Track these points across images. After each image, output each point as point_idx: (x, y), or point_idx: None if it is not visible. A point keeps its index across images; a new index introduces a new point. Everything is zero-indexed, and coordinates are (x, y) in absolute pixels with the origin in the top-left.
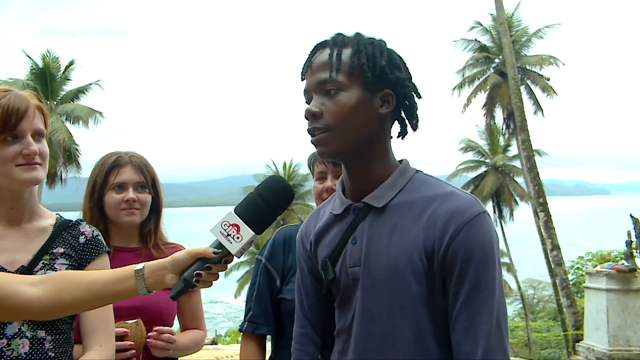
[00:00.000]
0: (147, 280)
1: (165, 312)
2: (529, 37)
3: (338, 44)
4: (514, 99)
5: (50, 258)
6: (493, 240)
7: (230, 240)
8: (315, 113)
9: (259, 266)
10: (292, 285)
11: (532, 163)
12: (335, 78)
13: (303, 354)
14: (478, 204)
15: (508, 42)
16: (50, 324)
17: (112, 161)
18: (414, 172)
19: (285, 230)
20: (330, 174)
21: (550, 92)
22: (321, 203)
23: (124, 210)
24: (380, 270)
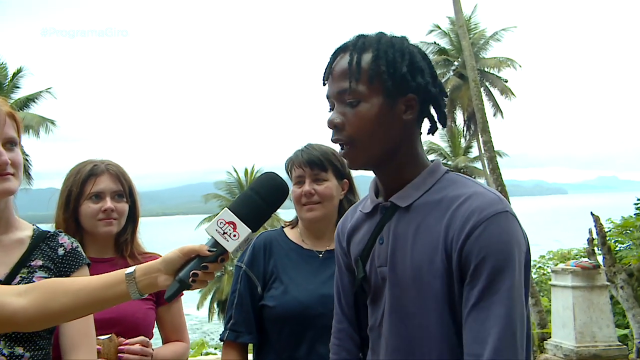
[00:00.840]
0: (139, 283)
1: (143, 324)
2: (487, 40)
3: (358, 48)
4: (475, 100)
5: (29, 271)
6: (512, 240)
7: (226, 238)
8: (337, 125)
9: (239, 273)
10: (273, 292)
11: (494, 164)
12: (355, 88)
13: (341, 349)
14: (501, 202)
15: (467, 44)
16: (28, 340)
17: (88, 170)
18: (444, 172)
19: (265, 236)
20: (308, 178)
21: (508, 93)
22: (300, 207)
23: (102, 221)
24: (405, 271)
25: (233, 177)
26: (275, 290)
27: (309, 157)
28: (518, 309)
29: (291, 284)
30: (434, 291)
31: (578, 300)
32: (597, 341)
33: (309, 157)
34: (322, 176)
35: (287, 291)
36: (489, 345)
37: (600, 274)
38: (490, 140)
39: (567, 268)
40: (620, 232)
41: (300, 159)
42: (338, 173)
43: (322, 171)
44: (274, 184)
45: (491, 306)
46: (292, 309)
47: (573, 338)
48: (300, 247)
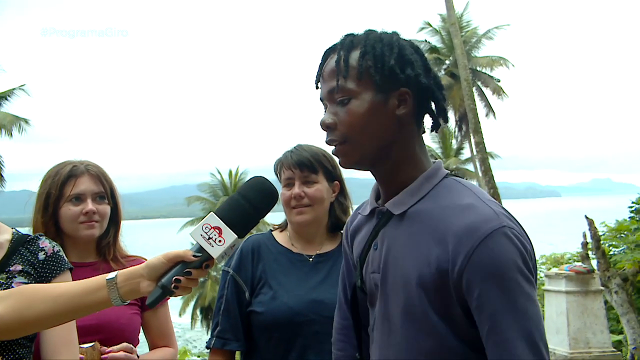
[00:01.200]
0: (120, 289)
1: (127, 329)
2: (479, 38)
3: (345, 46)
4: (467, 101)
5: (7, 276)
6: (514, 257)
7: (211, 243)
8: (329, 125)
9: (226, 278)
10: (262, 297)
11: (486, 166)
12: (343, 86)
13: (346, 344)
14: (497, 218)
15: (459, 43)
16: (7, 348)
17: (67, 171)
18: (443, 176)
19: (253, 239)
20: (297, 180)
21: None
22: (289, 211)
23: (83, 224)
24: (396, 281)
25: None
26: (264, 295)
27: (298, 159)
28: (536, 322)
29: (280, 290)
30: (423, 304)
31: (572, 306)
32: (591, 347)
33: (298, 158)
34: (312, 178)
35: (276, 297)
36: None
37: (594, 279)
38: (482, 141)
39: (561, 272)
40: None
41: (289, 160)
42: (329, 175)
43: (312, 173)
44: (262, 188)
45: (507, 329)
46: (281, 315)
47: (567, 344)
48: (289, 251)
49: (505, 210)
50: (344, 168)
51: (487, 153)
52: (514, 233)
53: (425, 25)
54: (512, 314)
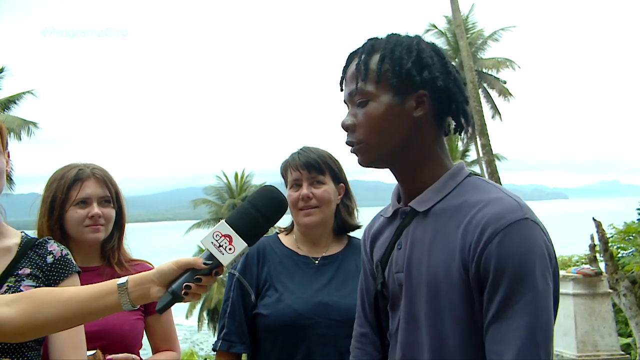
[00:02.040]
0: (131, 294)
1: (130, 335)
2: (485, 40)
3: (367, 50)
4: (473, 102)
5: (16, 280)
6: (534, 248)
7: (222, 251)
8: (349, 126)
9: (232, 281)
10: (267, 300)
11: (492, 168)
12: (362, 88)
13: (362, 353)
14: (521, 209)
15: (465, 44)
16: (16, 351)
17: (73, 175)
18: (467, 175)
19: (258, 242)
20: (305, 181)
21: (507, 95)
22: (297, 212)
23: (89, 227)
24: (420, 278)
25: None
26: (269, 298)
27: (306, 160)
28: (543, 320)
29: (285, 292)
30: (449, 299)
31: (580, 308)
32: (599, 350)
33: (306, 159)
34: (320, 179)
35: (282, 299)
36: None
37: (602, 281)
38: (488, 143)
39: (569, 275)
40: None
41: (296, 161)
42: (335, 177)
43: (319, 174)
44: (272, 197)
45: (513, 316)
46: (286, 318)
47: (574, 347)
48: (295, 253)
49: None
50: (362, 166)
51: (493, 155)
52: (537, 226)
53: (431, 27)
54: (520, 306)
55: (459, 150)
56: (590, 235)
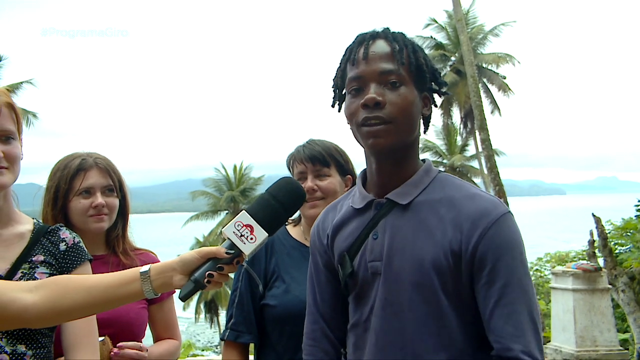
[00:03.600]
0: (154, 282)
1: (136, 323)
2: (485, 35)
3: (396, 38)
4: (473, 97)
5: (30, 267)
6: (520, 240)
7: (243, 240)
8: (380, 102)
9: (240, 271)
10: (275, 290)
11: (492, 163)
12: (399, 71)
13: (317, 350)
14: (502, 205)
15: (466, 39)
16: (31, 338)
17: (76, 164)
18: (437, 171)
19: None
20: (310, 173)
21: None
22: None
23: (92, 217)
24: (404, 265)
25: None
26: (277, 289)
27: (310, 153)
28: (534, 304)
29: (293, 283)
30: (434, 286)
31: (579, 304)
32: (598, 345)
33: (310, 152)
34: (325, 172)
35: (289, 290)
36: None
37: (602, 277)
38: (488, 138)
39: (568, 270)
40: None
41: (301, 154)
42: (341, 169)
43: (324, 167)
44: (291, 188)
45: (515, 301)
46: (293, 309)
47: (573, 342)
48: (302, 245)
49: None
50: (376, 151)
51: (492, 150)
52: (514, 219)
53: (431, 22)
54: (520, 289)
55: (458, 145)
56: (590, 231)
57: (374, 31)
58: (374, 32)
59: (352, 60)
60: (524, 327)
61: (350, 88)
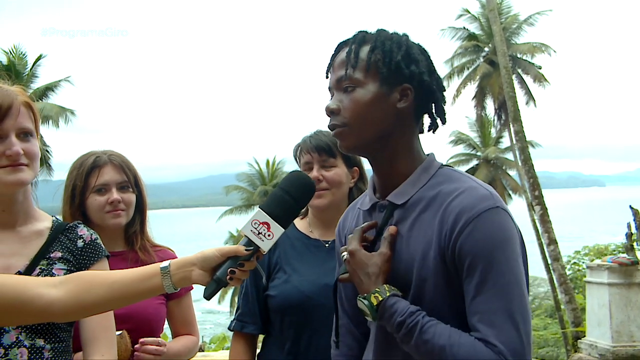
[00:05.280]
0: (173, 277)
1: (154, 319)
2: (520, 25)
3: (358, 41)
4: (506, 88)
5: (48, 263)
6: (504, 235)
7: (261, 238)
8: (333, 110)
9: None
10: (277, 282)
11: (526, 155)
12: (351, 75)
13: (341, 344)
14: (492, 198)
15: (498, 29)
16: (49, 332)
17: (90, 162)
18: (439, 166)
19: None
20: (316, 164)
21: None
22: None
23: (109, 213)
24: (399, 266)
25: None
26: (278, 280)
27: (317, 143)
28: (517, 303)
29: (293, 274)
30: (427, 285)
31: (615, 298)
32: (635, 340)
33: (317, 142)
34: (331, 162)
35: (289, 281)
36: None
37: (639, 271)
38: (522, 129)
39: (603, 264)
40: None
41: (308, 144)
42: (348, 160)
43: (330, 157)
44: (302, 183)
45: (488, 300)
46: (292, 299)
47: (609, 337)
48: (306, 236)
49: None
50: (346, 152)
51: (526, 142)
52: (506, 214)
53: (464, 12)
54: (497, 286)
55: (492, 137)
56: (627, 224)
57: (345, 40)
58: (344, 40)
59: (326, 72)
60: (497, 325)
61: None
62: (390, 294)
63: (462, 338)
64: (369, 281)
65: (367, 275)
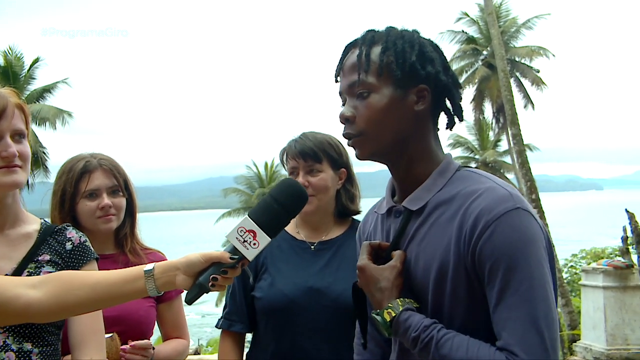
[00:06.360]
0: (157, 280)
1: (145, 322)
2: (518, 28)
3: (367, 42)
4: (504, 92)
5: (36, 266)
6: (526, 237)
7: (246, 246)
8: (348, 118)
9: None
10: (262, 283)
11: (523, 158)
12: (364, 80)
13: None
14: (512, 199)
15: (497, 33)
16: (37, 336)
17: (80, 167)
18: (456, 169)
19: None
20: (301, 169)
21: (540, 84)
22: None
23: (100, 218)
24: (416, 271)
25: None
26: (264, 282)
27: (301, 148)
28: (541, 308)
29: (278, 276)
30: (446, 290)
31: (609, 301)
32: (629, 344)
33: (302, 148)
34: (317, 167)
35: (274, 284)
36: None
37: (634, 274)
38: (519, 133)
39: (598, 267)
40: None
41: (293, 150)
42: (334, 163)
43: (316, 162)
44: (293, 191)
45: (512, 307)
46: (277, 302)
47: (604, 340)
48: (293, 238)
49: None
50: (360, 160)
51: (524, 145)
52: (528, 215)
53: (463, 16)
54: (520, 293)
55: (490, 140)
56: (623, 227)
57: (353, 40)
58: (352, 41)
59: (335, 75)
60: (520, 333)
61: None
62: (403, 309)
63: (481, 350)
64: (381, 296)
65: (379, 290)
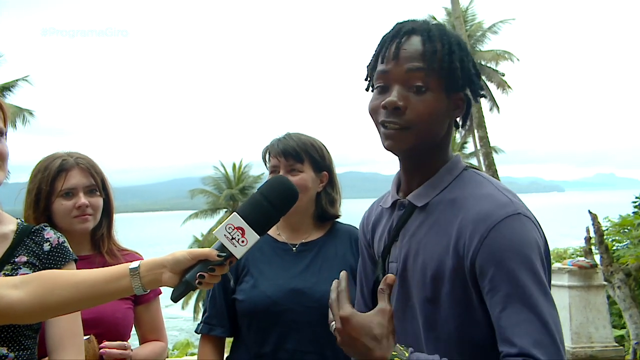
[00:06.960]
0: (143, 278)
1: (122, 324)
2: (484, 32)
3: (431, 36)
4: None
5: (13, 268)
6: (527, 242)
7: (234, 243)
8: (400, 107)
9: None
10: (244, 285)
11: (490, 160)
12: (428, 76)
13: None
14: (511, 205)
15: (464, 36)
16: (13, 340)
17: (57, 166)
18: (463, 169)
19: None
20: (282, 168)
21: (505, 88)
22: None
23: (77, 218)
24: (414, 269)
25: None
26: (246, 284)
27: (284, 147)
28: (547, 312)
29: (260, 278)
30: (442, 291)
31: (574, 300)
32: (593, 342)
33: (284, 147)
34: (297, 167)
35: (256, 285)
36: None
37: (597, 274)
38: (486, 135)
39: (564, 267)
40: (618, 230)
41: (275, 148)
42: (316, 165)
43: (297, 162)
44: (284, 189)
45: (520, 312)
46: (259, 304)
47: (569, 338)
48: (274, 240)
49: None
50: (391, 152)
51: (490, 147)
52: (528, 220)
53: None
54: (525, 298)
55: (456, 142)
56: (586, 228)
57: (411, 26)
58: (410, 27)
59: (382, 56)
60: (535, 337)
61: (377, 84)
62: (410, 354)
63: None
64: (379, 345)
65: (374, 340)
